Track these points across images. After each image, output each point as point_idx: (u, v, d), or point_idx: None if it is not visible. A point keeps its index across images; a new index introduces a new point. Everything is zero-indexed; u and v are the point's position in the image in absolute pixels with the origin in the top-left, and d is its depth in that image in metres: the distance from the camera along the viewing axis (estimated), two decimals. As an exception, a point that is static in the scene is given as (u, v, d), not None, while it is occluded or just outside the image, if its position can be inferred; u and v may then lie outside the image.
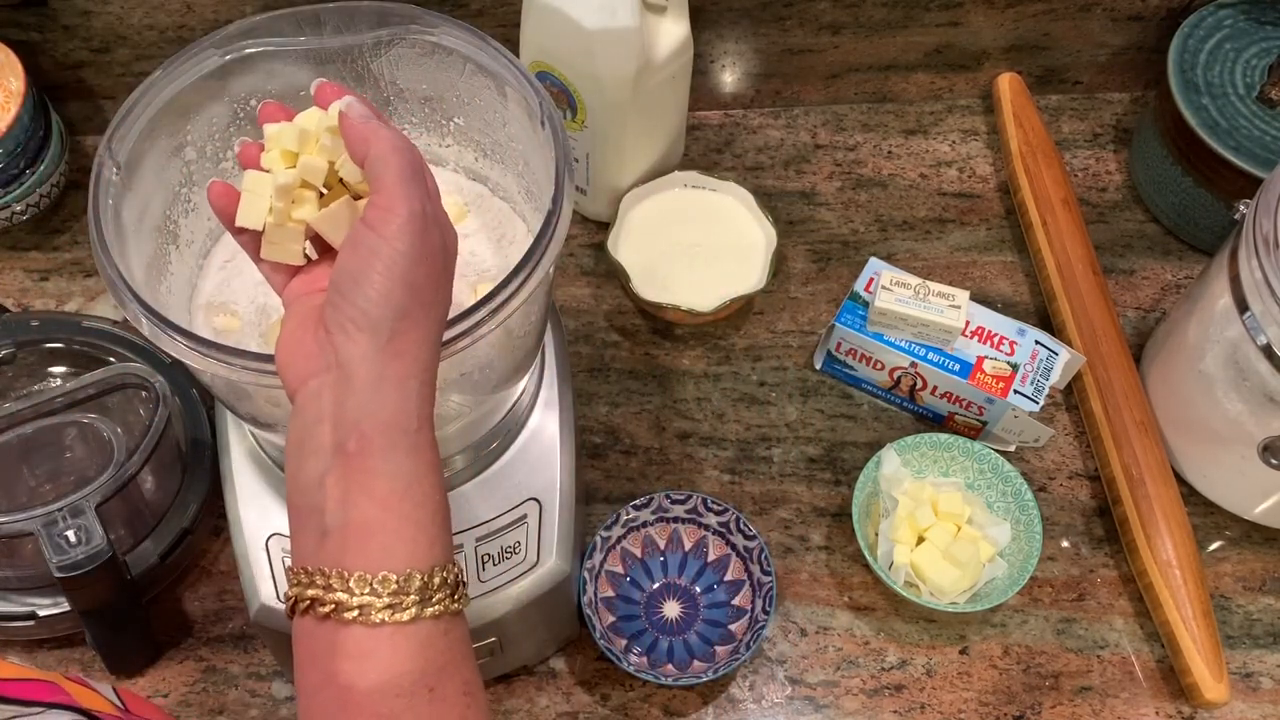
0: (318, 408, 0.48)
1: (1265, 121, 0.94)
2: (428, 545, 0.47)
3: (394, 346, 0.47)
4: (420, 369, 0.48)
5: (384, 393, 0.47)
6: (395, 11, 0.66)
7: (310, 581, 0.47)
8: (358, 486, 0.47)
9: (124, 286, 0.58)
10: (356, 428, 0.47)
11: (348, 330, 0.47)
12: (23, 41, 0.99)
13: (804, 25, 1.04)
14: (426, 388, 0.49)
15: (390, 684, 0.46)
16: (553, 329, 0.80)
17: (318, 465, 0.47)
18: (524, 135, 0.70)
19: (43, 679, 0.52)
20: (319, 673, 0.47)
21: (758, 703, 0.83)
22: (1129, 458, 0.88)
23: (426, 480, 0.48)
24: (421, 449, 0.48)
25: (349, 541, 0.46)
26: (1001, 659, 0.85)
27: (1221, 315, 0.81)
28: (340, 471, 0.47)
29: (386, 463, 0.47)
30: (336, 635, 0.46)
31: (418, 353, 0.48)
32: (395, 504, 0.47)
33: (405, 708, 0.45)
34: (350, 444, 0.47)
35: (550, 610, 0.78)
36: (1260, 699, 0.83)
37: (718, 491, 0.91)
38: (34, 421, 0.81)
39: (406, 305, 0.47)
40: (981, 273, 1.02)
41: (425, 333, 0.48)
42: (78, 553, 0.71)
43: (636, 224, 0.97)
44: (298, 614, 0.47)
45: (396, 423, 0.47)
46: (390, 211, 0.47)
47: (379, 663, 0.46)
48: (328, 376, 0.48)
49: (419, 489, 0.47)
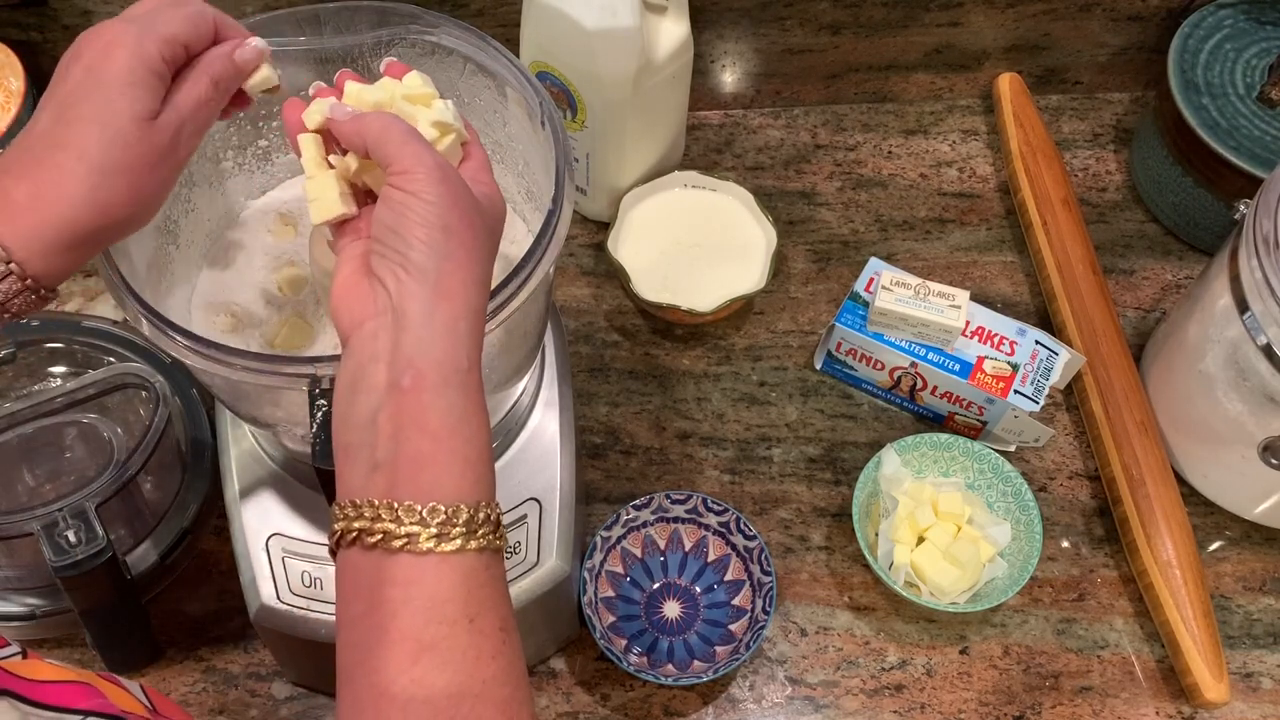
0: (373, 348, 0.50)
1: (1265, 121, 0.94)
2: (474, 481, 0.49)
3: (442, 288, 0.50)
4: (469, 310, 0.50)
5: (436, 332, 0.49)
6: (395, 11, 0.66)
7: (359, 514, 0.48)
8: (411, 421, 0.49)
9: (124, 286, 0.58)
10: (411, 365, 0.49)
11: (399, 275, 0.50)
12: (23, 41, 0.99)
13: (804, 25, 1.04)
14: (476, 329, 0.51)
15: (434, 610, 0.47)
16: (553, 329, 0.80)
17: (370, 402, 0.49)
18: (524, 135, 0.70)
19: (79, 680, 0.52)
20: (362, 602, 0.48)
21: (758, 703, 0.83)
22: (1129, 458, 0.88)
23: (475, 419, 0.50)
24: (471, 388, 0.50)
25: (400, 473, 0.48)
26: (1001, 659, 0.85)
27: (1221, 315, 0.81)
28: (394, 407, 0.49)
29: (440, 398, 0.49)
30: (383, 563, 0.48)
31: (465, 294, 0.50)
32: (446, 438, 0.49)
33: (446, 635, 0.47)
34: (405, 380, 0.49)
35: (550, 610, 0.78)
36: (1260, 699, 0.83)
37: (718, 491, 0.91)
38: (34, 421, 0.81)
39: (448, 248, 0.50)
40: (981, 273, 1.02)
41: (469, 274, 0.51)
42: (78, 553, 0.71)
43: (636, 224, 0.97)
44: (343, 546, 0.49)
45: (449, 360, 0.49)
46: (410, 172, 0.51)
47: (424, 589, 0.48)
48: (383, 319, 0.50)
49: (468, 426, 0.49)
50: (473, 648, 0.48)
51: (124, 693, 0.56)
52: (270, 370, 0.56)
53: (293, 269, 0.72)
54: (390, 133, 0.52)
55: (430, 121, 0.56)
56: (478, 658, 0.48)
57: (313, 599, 0.72)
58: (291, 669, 0.82)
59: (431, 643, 0.47)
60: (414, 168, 0.51)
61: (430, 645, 0.47)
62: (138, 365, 0.83)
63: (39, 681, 0.51)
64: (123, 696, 0.55)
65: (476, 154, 0.58)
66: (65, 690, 0.51)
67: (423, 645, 0.47)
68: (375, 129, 0.52)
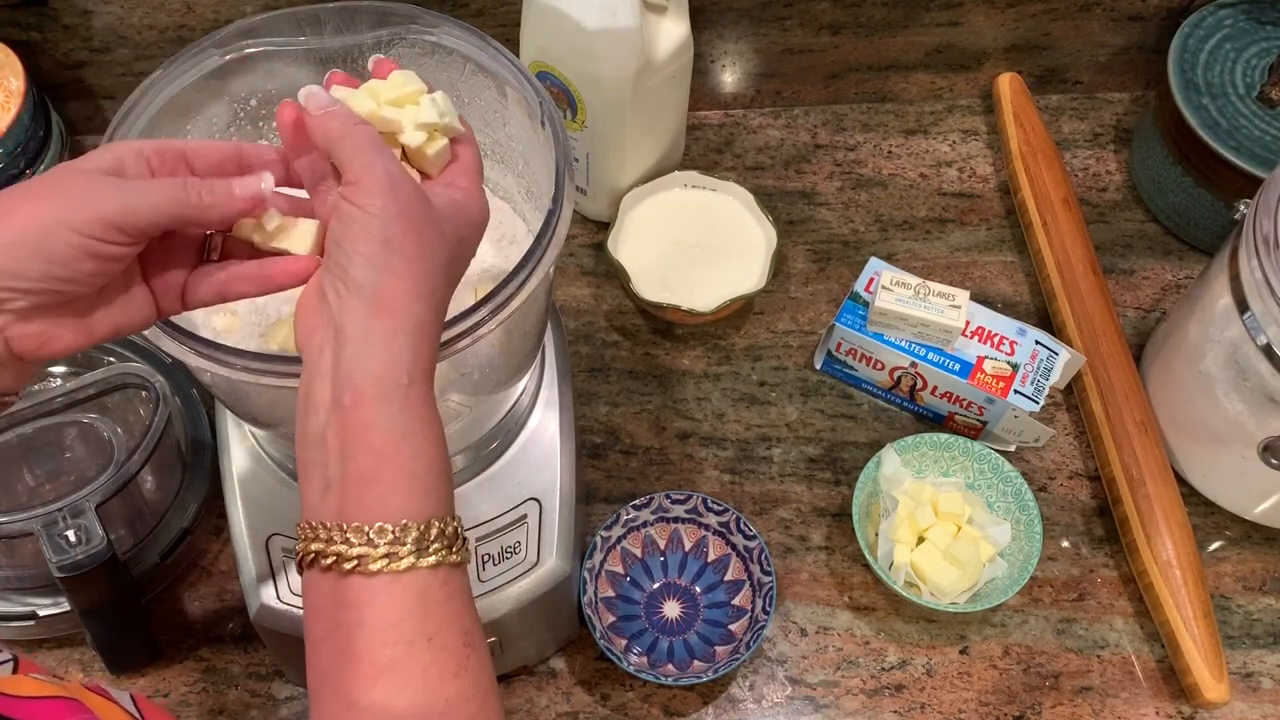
0: (320, 364, 0.49)
1: (1265, 121, 0.94)
2: (424, 496, 0.48)
3: (380, 302, 0.49)
4: (410, 323, 0.49)
5: (373, 346, 0.48)
6: (395, 11, 0.66)
7: (314, 535, 0.48)
8: (354, 439, 0.48)
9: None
10: (350, 381, 0.48)
11: (338, 290, 0.49)
12: (23, 41, 0.99)
13: (804, 25, 1.04)
14: (420, 342, 0.50)
15: (388, 631, 0.47)
16: (553, 329, 0.80)
17: (319, 419, 0.49)
18: (524, 135, 0.70)
19: (64, 696, 0.52)
20: (324, 623, 0.48)
21: (758, 703, 0.83)
22: (1129, 458, 0.88)
23: (421, 433, 0.49)
24: (414, 402, 0.49)
25: (348, 493, 0.48)
26: (1001, 659, 0.85)
27: (1222, 315, 0.81)
28: (338, 425, 0.48)
29: (380, 415, 0.48)
30: (338, 585, 0.47)
31: (406, 307, 0.49)
32: (390, 455, 0.48)
33: (404, 655, 0.47)
34: (345, 397, 0.48)
35: (550, 610, 0.78)
36: (1260, 699, 0.83)
37: (718, 491, 0.91)
38: (34, 421, 0.81)
39: (388, 261, 0.49)
40: (981, 273, 1.02)
41: (411, 286, 0.49)
42: (78, 553, 0.71)
43: (636, 224, 0.97)
44: (305, 567, 0.49)
45: (387, 375, 0.48)
46: (357, 183, 0.50)
47: (377, 611, 0.47)
48: (327, 334, 0.49)
49: (414, 441, 0.49)
50: (434, 666, 0.47)
51: (111, 705, 0.55)
52: (270, 370, 0.56)
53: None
54: (345, 140, 0.51)
55: (416, 125, 0.55)
56: (440, 676, 0.47)
57: (313, 599, 0.72)
58: (291, 669, 0.82)
59: (389, 664, 0.46)
60: (361, 178, 0.49)
61: (388, 667, 0.46)
62: (138, 365, 0.83)
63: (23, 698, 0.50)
64: (110, 709, 0.54)
65: (464, 155, 0.57)
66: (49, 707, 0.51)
67: (380, 667, 0.46)
68: (333, 134, 0.51)
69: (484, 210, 0.56)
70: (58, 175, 0.50)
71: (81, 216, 0.48)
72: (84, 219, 0.48)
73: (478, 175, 0.57)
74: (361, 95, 0.56)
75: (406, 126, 0.55)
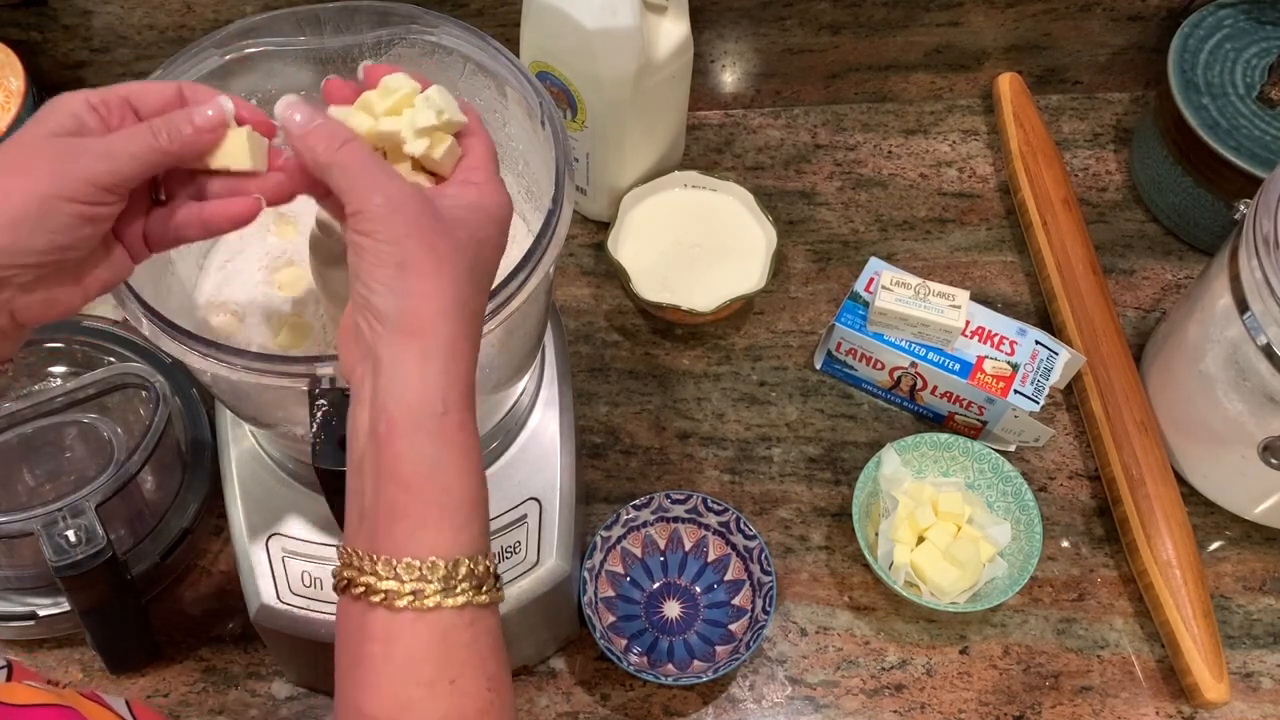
0: (361, 394, 0.49)
1: (1265, 121, 0.94)
2: (453, 533, 0.48)
3: (406, 328, 0.48)
4: (441, 343, 0.48)
5: (406, 374, 0.48)
6: (395, 11, 0.66)
7: (349, 562, 0.48)
8: (386, 469, 0.47)
9: (124, 286, 0.58)
10: (385, 410, 0.48)
11: (370, 321, 0.49)
12: (23, 41, 0.99)
13: (804, 25, 1.04)
14: (454, 363, 0.48)
15: (410, 670, 0.46)
16: (553, 329, 0.80)
17: (358, 448, 0.49)
18: (524, 135, 0.70)
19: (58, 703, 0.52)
20: (351, 654, 0.48)
21: (758, 703, 0.83)
22: (1129, 458, 0.88)
23: (453, 466, 0.48)
24: (448, 431, 0.48)
25: (379, 525, 0.47)
26: (1001, 659, 0.85)
27: (1222, 315, 0.81)
28: (373, 454, 0.48)
29: (411, 446, 0.47)
30: (366, 617, 0.47)
31: (434, 327, 0.48)
32: (420, 488, 0.47)
33: (425, 696, 0.46)
34: (381, 427, 0.48)
35: (550, 610, 0.78)
36: (1260, 699, 0.83)
37: (718, 491, 0.91)
38: (34, 421, 0.81)
39: (406, 286, 0.48)
40: (981, 273, 1.02)
41: (436, 305, 0.48)
42: (78, 553, 0.71)
43: (636, 224, 0.97)
44: (339, 592, 0.48)
45: (422, 405, 0.48)
46: (361, 211, 0.49)
47: (400, 648, 0.47)
48: (366, 365, 0.49)
49: (446, 474, 0.48)
50: (454, 710, 0.46)
51: (106, 711, 0.55)
52: (270, 370, 0.56)
53: (293, 268, 0.72)
54: (333, 169, 0.50)
55: (416, 131, 0.54)
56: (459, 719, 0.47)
57: (313, 599, 0.72)
58: (291, 669, 0.82)
59: (409, 703, 0.46)
60: (362, 206, 0.48)
61: (409, 705, 0.46)
62: (138, 365, 0.83)
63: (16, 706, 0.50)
64: (104, 715, 0.54)
65: (474, 149, 0.56)
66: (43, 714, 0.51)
67: (401, 704, 0.46)
68: (321, 161, 0.50)
69: (502, 204, 0.54)
70: (30, 146, 0.50)
71: (73, 186, 0.49)
72: (77, 188, 0.49)
73: (491, 166, 0.55)
74: (357, 113, 0.55)
75: (407, 136, 0.54)
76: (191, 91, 0.54)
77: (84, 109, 0.51)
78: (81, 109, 0.51)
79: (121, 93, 0.53)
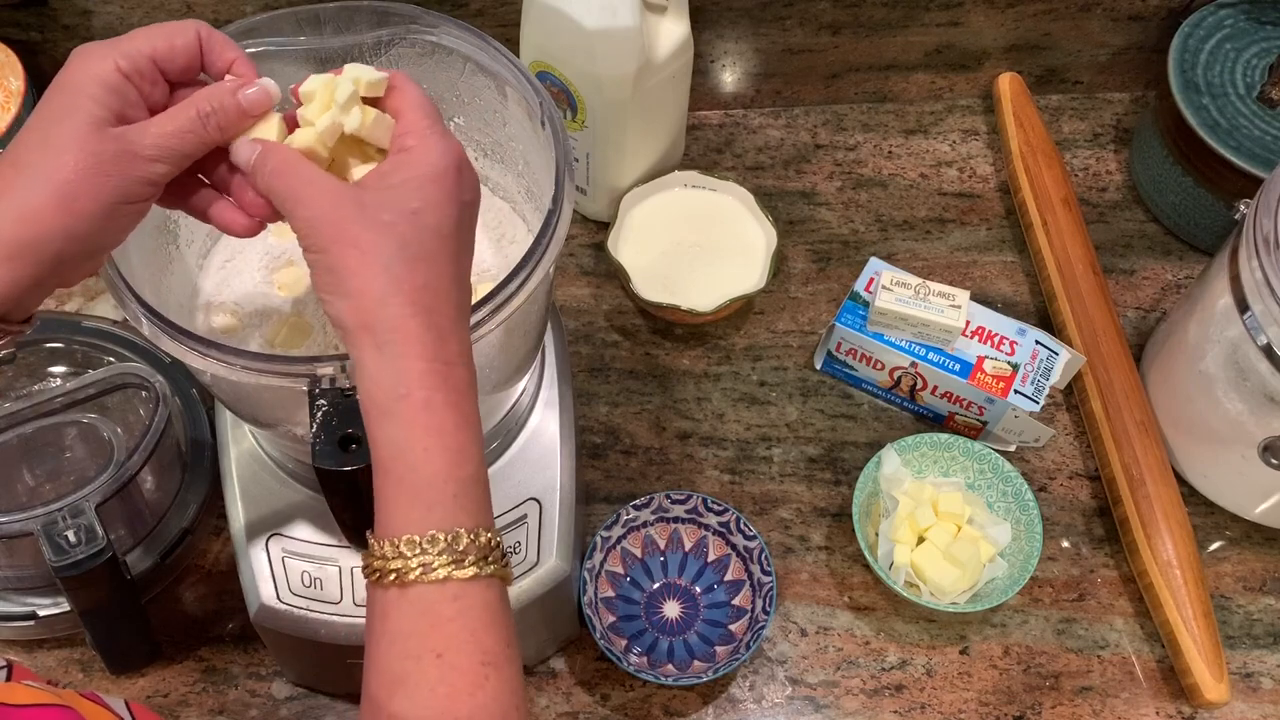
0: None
1: (1265, 121, 0.94)
2: (424, 510, 0.49)
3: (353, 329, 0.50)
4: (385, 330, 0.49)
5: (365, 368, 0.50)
6: (395, 11, 0.66)
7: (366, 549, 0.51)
8: (374, 459, 0.50)
9: (124, 286, 0.58)
10: (364, 406, 0.50)
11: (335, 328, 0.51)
12: (23, 41, 0.98)
13: (804, 25, 1.04)
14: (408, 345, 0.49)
15: (396, 645, 0.48)
16: (553, 329, 0.80)
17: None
18: (524, 135, 0.70)
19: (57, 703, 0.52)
20: (367, 630, 0.50)
21: (758, 703, 0.83)
22: (1129, 458, 0.88)
23: (418, 445, 0.49)
24: (410, 414, 0.49)
25: (376, 510, 0.50)
26: (1002, 659, 0.85)
27: (1222, 315, 0.81)
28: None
29: (381, 432, 0.50)
30: (372, 595, 0.50)
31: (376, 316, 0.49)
32: (390, 469, 0.49)
33: (414, 670, 0.47)
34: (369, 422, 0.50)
35: (550, 610, 0.78)
36: (1260, 699, 0.83)
37: (718, 491, 0.91)
38: (34, 421, 0.81)
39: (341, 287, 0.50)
40: (981, 273, 1.02)
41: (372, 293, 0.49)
42: (78, 553, 0.71)
43: (636, 224, 0.97)
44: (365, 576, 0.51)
45: (383, 393, 0.49)
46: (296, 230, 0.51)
47: (391, 624, 0.48)
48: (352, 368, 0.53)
49: (410, 455, 0.49)
50: (443, 683, 0.47)
51: (105, 711, 0.55)
52: (270, 370, 0.56)
53: (293, 268, 0.72)
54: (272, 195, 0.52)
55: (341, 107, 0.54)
56: (450, 694, 0.47)
57: (312, 599, 0.72)
58: (291, 669, 0.82)
59: (400, 677, 0.47)
60: (295, 225, 0.51)
61: (400, 679, 0.47)
62: (138, 365, 0.83)
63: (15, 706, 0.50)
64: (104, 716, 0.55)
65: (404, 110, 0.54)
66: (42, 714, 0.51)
67: (394, 678, 0.47)
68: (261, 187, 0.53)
69: (436, 159, 0.52)
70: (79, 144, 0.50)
71: (134, 190, 0.52)
72: (137, 191, 0.52)
73: (422, 122, 0.53)
74: (303, 130, 0.55)
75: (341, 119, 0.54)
76: (208, 34, 0.55)
77: (120, 81, 0.52)
78: (117, 81, 0.52)
79: (146, 52, 0.53)
